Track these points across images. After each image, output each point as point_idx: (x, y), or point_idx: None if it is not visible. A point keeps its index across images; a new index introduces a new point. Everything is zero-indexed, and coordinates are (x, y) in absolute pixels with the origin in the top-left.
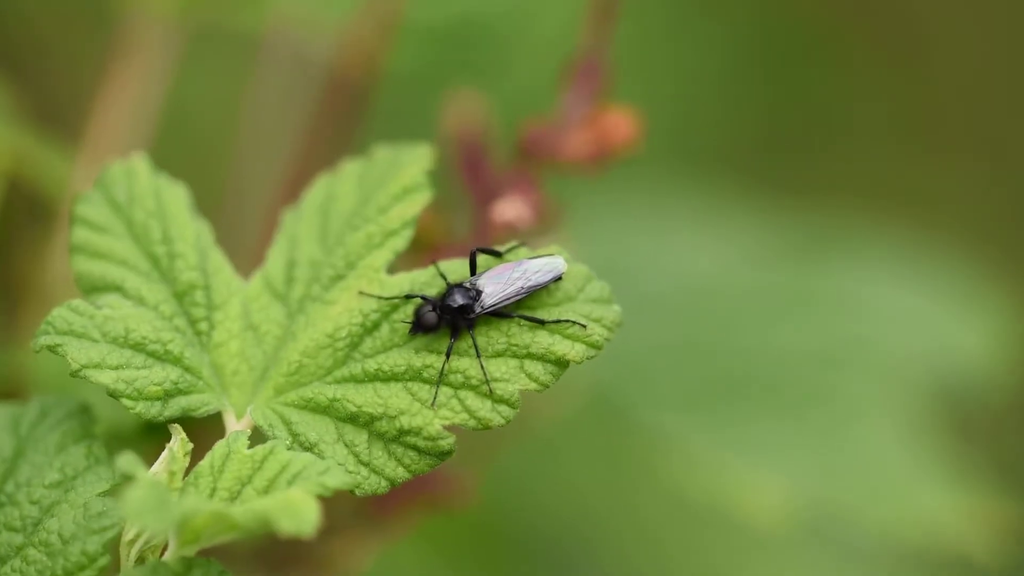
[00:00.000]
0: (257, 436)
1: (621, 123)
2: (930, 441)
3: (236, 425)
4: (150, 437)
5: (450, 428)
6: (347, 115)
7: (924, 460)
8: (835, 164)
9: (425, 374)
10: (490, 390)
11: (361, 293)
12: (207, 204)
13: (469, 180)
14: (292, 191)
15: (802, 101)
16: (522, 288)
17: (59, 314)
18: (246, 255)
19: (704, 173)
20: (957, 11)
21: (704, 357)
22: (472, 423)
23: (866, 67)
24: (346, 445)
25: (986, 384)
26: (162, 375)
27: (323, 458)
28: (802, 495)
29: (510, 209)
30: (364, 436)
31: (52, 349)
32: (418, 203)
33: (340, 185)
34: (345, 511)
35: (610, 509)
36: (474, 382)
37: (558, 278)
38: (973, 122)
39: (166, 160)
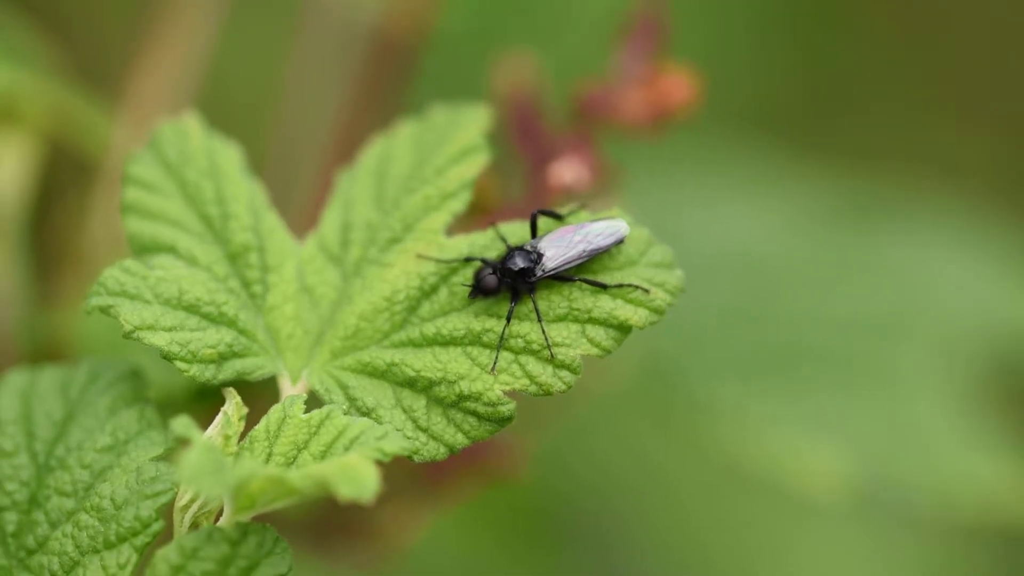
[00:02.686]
0: (313, 401)
1: (680, 83)
2: (983, 411)
3: (291, 389)
4: (200, 402)
5: (510, 394)
6: (395, 76)
7: (978, 430)
8: (866, 129)
9: (485, 338)
10: (552, 355)
11: (419, 256)
12: (255, 170)
13: (523, 142)
14: (339, 153)
15: (832, 66)
16: (584, 251)
17: (111, 275)
18: (291, 217)
19: (739, 136)
20: None
21: (756, 326)
22: (533, 388)
23: (894, 34)
24: (404, 410)
25: None
26: (216, 337)
27: (381, 423)
28: (857, 464)
29: (567, 171)
30: (423, 401)
31: (104, 310)
32: (476, 165)
33: (396, 146)
34: (398, 481)
35: (654, 486)
36: (535, 347)
37: (620, 241)
38: (999, 91)
39: (209, 121)
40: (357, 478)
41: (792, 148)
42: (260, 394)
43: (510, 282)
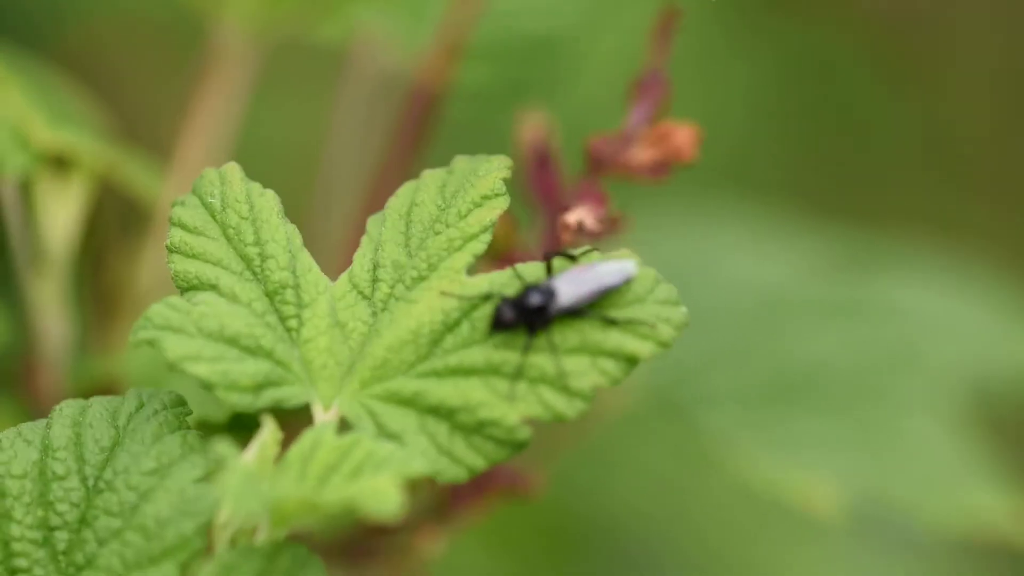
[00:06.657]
0: (343, 427)
1: (683, 135)
2: (976, 442)
3: (324, 416)
4: (235, 432)
5: (526, 420)
6: (423, 130)
7: (971, 459)
8: (879, 192)
9: (503, 369)
10: (565, 385)
11: (443, 293)
12: (292, 216)
13: (540, 191)
14: (371, 201)
15: (846, 128)
16: (595, 289)
17: (157, 310)
18: (330, 260)
19: (753, 194)
20: (990, 43)
21: (757, 365)
22: (548, 415)
23: (907, 100)
24: (428, 435)
25: None
26: (255, 368)
27: (406, 448)
28: (855, 489)
29: (580, 218)
30: (445, 427)
31: (150, 343)
32: (496, 209)
33: (422, 193)
34: (418, 502)
35: (669, 508)
36: (550, 377)
37: (628, 280)
38: (1000, 157)
39: (251, 173)
40: (383, 498)
41: (806, 206)
42: (294, 422)
43: (527, 317)
